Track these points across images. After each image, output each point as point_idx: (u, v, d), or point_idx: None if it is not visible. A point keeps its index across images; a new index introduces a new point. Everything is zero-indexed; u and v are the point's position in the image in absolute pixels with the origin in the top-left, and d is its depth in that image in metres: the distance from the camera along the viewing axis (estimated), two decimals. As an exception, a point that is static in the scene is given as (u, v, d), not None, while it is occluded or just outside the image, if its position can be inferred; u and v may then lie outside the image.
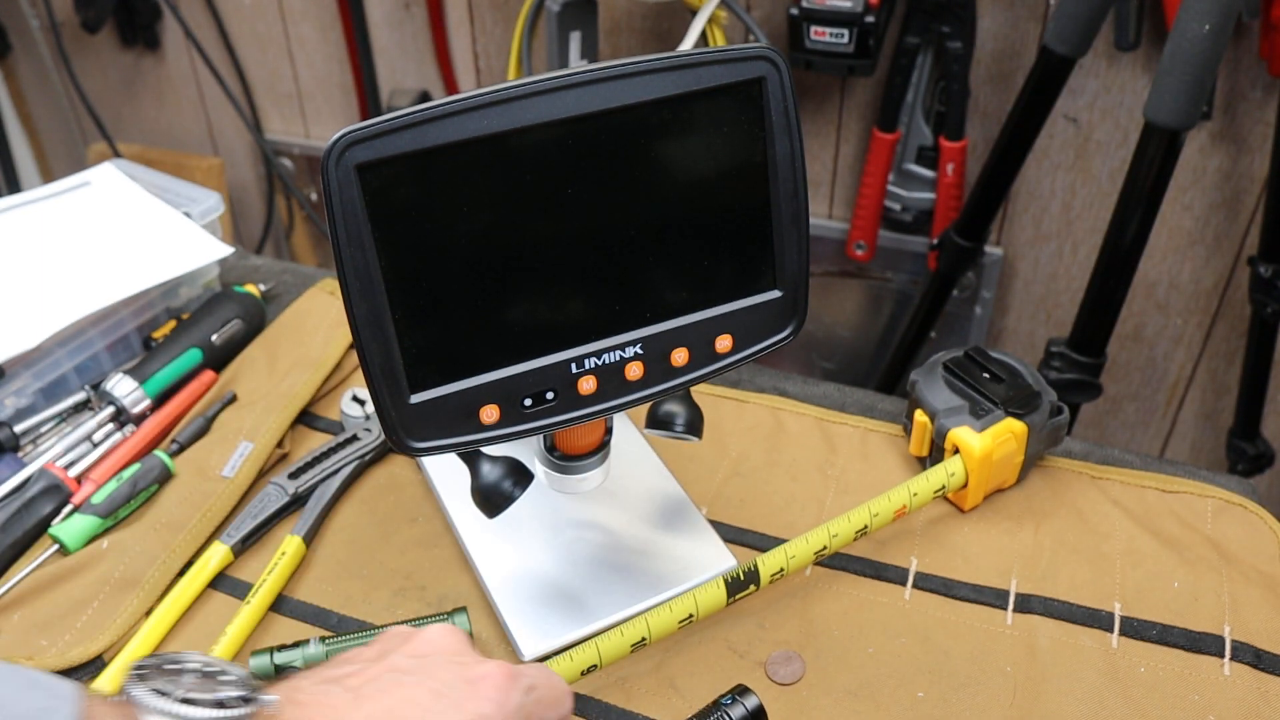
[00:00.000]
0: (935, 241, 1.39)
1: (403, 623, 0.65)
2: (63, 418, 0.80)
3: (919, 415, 0.73)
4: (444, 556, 0.71)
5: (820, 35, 1.27)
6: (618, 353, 0.56)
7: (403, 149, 0.48)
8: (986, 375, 0.73)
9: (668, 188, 0.54)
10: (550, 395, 0.55)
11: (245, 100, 1.85)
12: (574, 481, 0.64)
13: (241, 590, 0.69)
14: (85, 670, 0.64)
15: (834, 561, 0.69)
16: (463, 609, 0.65)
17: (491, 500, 0.61)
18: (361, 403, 0.80)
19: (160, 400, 0.81)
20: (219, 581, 0.70)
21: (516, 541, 0.70)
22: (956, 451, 0.71)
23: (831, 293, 1.60)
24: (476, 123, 0.49)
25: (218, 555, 0.69)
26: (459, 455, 0.61)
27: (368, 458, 0.76)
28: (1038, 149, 1.36)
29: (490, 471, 0.61)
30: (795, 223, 0.56)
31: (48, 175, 2.14)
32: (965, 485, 0.71)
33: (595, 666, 0.61)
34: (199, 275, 0.91)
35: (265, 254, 2.01)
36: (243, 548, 0.71)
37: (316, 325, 0.87)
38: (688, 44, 1.25)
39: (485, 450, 0.61)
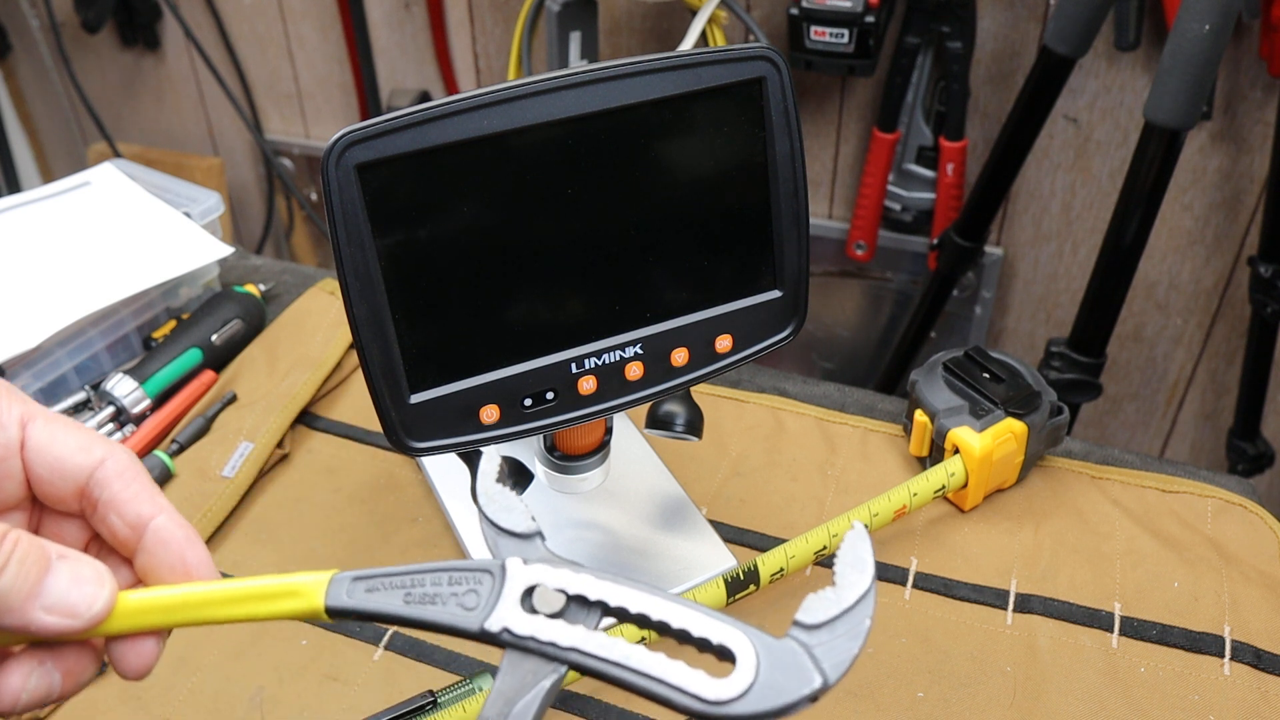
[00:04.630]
0: (935, 241, 1.39)
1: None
2: (63, 418, 0.80)
3: (919, 415, 0.73)
4: (444, 557, 0.71)
5: (820, 35, 1.27)
6: (618, 353, 0.56)
7: (403, 149, 0.48)
8: (986, 375, 0.73)
9: (668, 188, 0.54)
10: (550, 395, 0.55)
11: (245, 100, 1.85)
12: (574, 481, 0.64)
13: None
14: (85, 670, 0.64)
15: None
16: (486, 671, 0.62)
17: (491, 500, 0.61)
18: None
19: (160, 400, 0.81)
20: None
21: (516, 541, 0.69)
22: (956, 451, 0.71)
23: (831, 293, 1.60)
24: (476, 123, 0.49)
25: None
26: (459, 455, 0.61)
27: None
28: (1038, 149, 1.36)
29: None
30: (795, 223, 0.56)
31: (48, 175, 2.14)
32: (965, 485, 0.71)
33: (595, 666, 0.61)
34: (199, 275, 0.91)
35: (265, 254, 2.01)
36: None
37: (316, 325, 0.87)
38: (688, 44, 1.25)
39: (485, 450, 0.60)
